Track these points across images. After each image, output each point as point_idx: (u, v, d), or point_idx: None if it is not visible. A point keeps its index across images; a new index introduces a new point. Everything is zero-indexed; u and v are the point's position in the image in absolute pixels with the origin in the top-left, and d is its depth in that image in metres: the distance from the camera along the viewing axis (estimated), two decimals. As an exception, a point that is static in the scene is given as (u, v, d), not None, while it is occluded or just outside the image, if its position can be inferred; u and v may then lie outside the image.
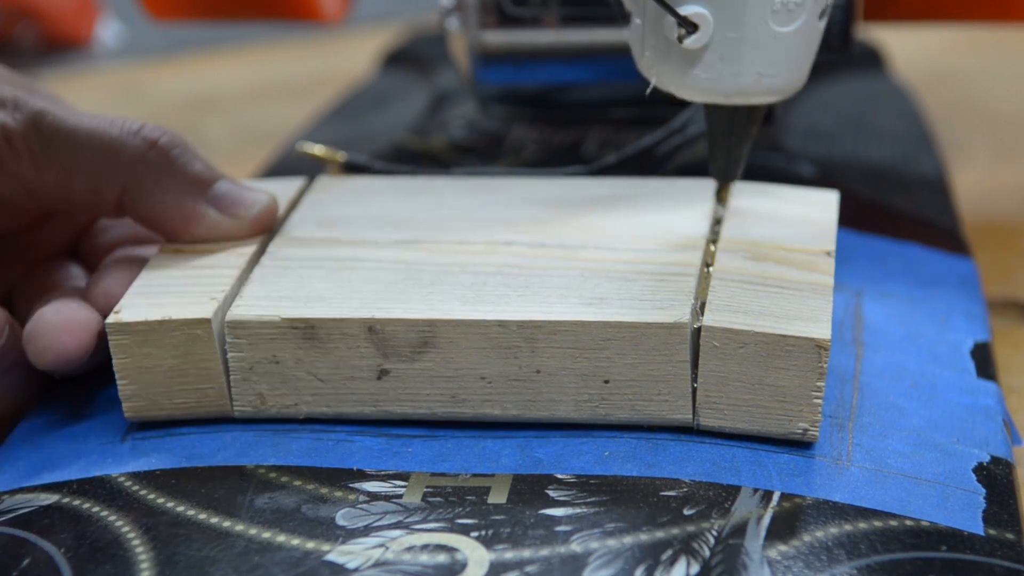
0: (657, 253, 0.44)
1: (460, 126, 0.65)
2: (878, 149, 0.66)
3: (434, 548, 0.37)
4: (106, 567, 0.37)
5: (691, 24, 0.41)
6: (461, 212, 0.48)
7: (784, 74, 0.43)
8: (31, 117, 0.44)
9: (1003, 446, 0.42)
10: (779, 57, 0.42)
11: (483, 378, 0.42)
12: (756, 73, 0.42)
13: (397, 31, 0.90)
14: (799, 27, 0.42)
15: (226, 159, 0.75)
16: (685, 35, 0.41)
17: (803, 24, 0.42)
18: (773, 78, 0.42)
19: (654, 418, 0.41)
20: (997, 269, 0.57)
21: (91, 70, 0.99)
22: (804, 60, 0.43)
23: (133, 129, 0.45)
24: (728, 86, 0.42)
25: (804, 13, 0.42)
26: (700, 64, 0.42)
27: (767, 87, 0.43)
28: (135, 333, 0.42)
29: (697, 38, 0.41)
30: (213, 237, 0.45)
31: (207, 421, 0.43)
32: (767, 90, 0.43)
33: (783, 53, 0.42)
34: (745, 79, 0.42)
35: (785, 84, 0.43)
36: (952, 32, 0.88)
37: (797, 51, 0.42)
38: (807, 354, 0.40)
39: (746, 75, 0.42)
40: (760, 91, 0.43)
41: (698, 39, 0.41)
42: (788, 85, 0.43)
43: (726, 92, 0.43)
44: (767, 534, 0.37)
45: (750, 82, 0.42)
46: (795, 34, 0.42)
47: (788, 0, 0.41)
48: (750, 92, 0.43)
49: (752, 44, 0.42)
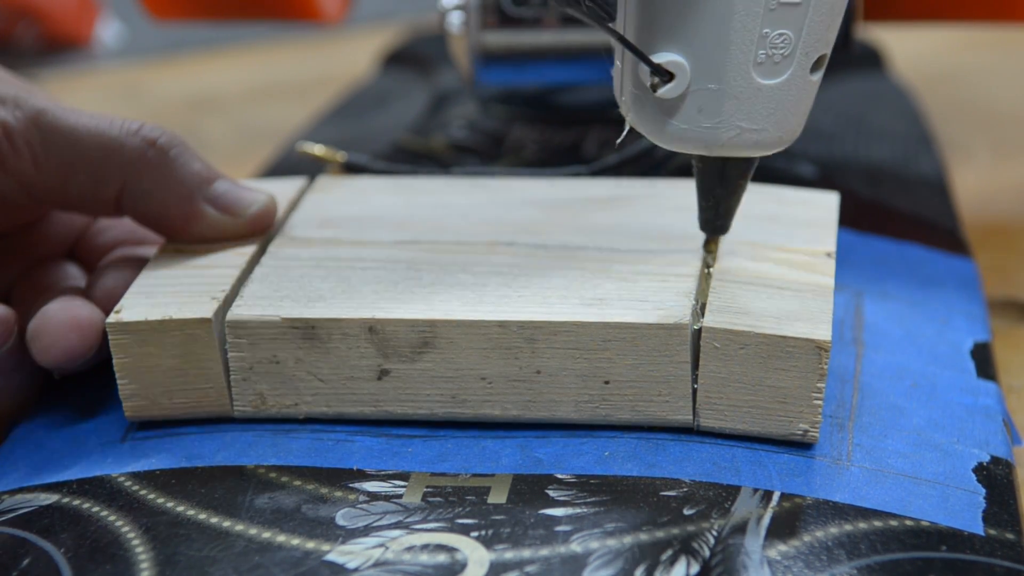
0: (657, 254, 0.44)
1: (460, 126, 0.65)
2: (878, 149, 0.66)
3: (434, 548, 0.37)
4: (106, 567, 0.37)
5: (666, 73, 0.38)
6: (461, 212, 0.48)
7: (770, 129, 0.39)
8: (32, 115, 0.44)
9: (1003, 446, 0.42)
10: (763, 111, 0.39)
11: (483, 378, 0.42)
12: (737, 127, 0.39)
13: (397, 31, 0.90)
14: (786, 80, 0.39)
15: (226, 159, 0.75)
16: (660, 84, 0.39)
17: (791, 77, 0.39)
18: (757, 133, 0.39)
19: (654, 419, 0.41)
20: (997, 269, 0.57)
21: (91, 70, 0.99)
22: (793, 115, 0.39)
23: (132, 129, 0.45)
24: (708, 139, 0.39)
25: (792, 66, 0.38)
26: (678, 114, 0.39)
27: (751, 141, 0.39)
28: (135, 333, 0.42)
29: (672, 88, 0.38)
30: (212, 236, 0.46)
31: (207, 421, 0.43)
32: (751, 144, 0.40)
33: (768, 107, 0.39)
34: (726, 133, 0.39)
35: (772, 139, 0.40)
36: (952, 32, 0.88)
37: (784, 105, 0.39)
38: (808, 355, 0.40)
39: (727, 129, 0.39)
40: (744, 145, 0.40)
41: (673, 89, 0.39)
42: (775, 140, 0.40)
43: (706, 145, 0.40)
44: (767, 534, 0.37)
45: (731, 136, 0.39)
46: (781, 87, 0.39)
47: (773, 52, 0.38)
48: (732, 146, 0.39)
49: (733, 96, 0.38)
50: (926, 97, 0.76)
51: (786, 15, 0.38)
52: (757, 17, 0.38)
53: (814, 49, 0.39)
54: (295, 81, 0.93)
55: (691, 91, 0.39)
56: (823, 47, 0.39)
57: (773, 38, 0.38)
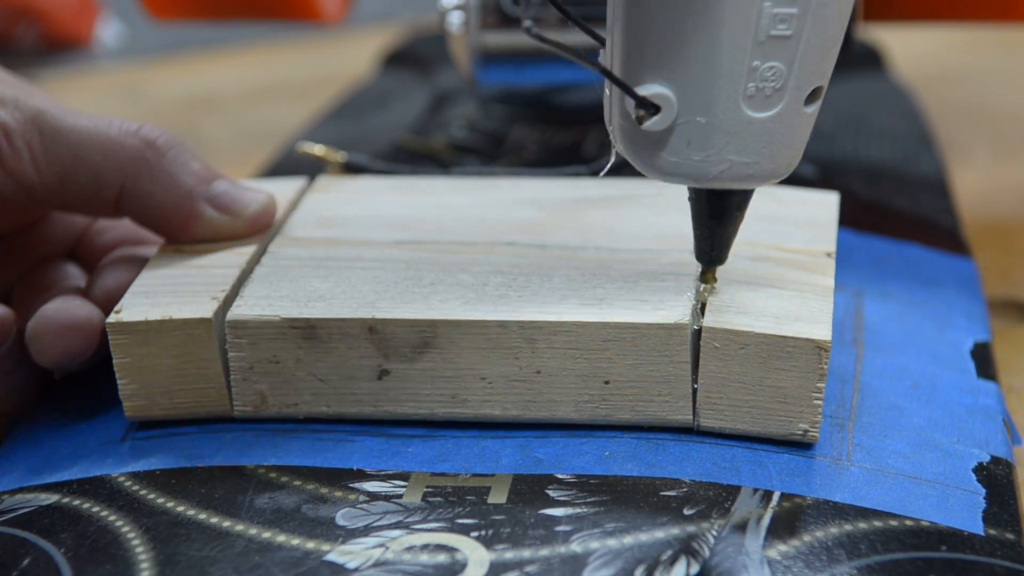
0: (657, 253, 0.44)
1: (460, 126, 0.65)
2: (878, 149, 0.66)
3: (434, 548, 0.37)
4: (106, 567, 0.37)
5: (652, 105, 0.37)
6: (461, 212, 0.48)
7: (763, 162, 0.38)
8: (31, 116, 0.44)
9: (1003, 446, 0.42)
10: (755, 144, 0.37)
11: (483, 378, 0.42)
12: (728, 160, 0.38)
13: (397, 31, 0.90)
14: (778, 113, 0.37)
15: (226, 159, 0.75)
16: (645, 117, 0.37)
17: (784, 110, 0.37)
18: (749, 167, 0.38)
19: (654, 419, 0.41)
20: (997, 269, 0.57)
21: (91, 70, 0.99)
22: (787, 148, 0.38)
23: (131, 129, 0.45)
24: (698, 172, 0.38)
25: (784, 98, 0.37)
26: (666, 147, 0.38)
27: (743, 175, 0.38)
28: (135, 333, 0.42)
29: (658, 121, 0.37)
30: (211, 236, 0.46)
31: (207, 421, 0.43)
32: (744, 177, 0.38)
33: (760, 140, 0.37)
34: (716, 166, 0.38)
35: (765, 172, 0.38)
36: (952, 32, 0.88)
37: (777, 139, 0.38)
38: (808, 355, 0.40)
39: (717, 162, 0.38)
40: (736, 178, 0.38)
41: (660, 122, 0.37)
42: (768, 173, 0.38)
43: (696, 178, 0.38)
44: (767, 534, 0.37)
45: (722, 169, 0.38)
46: (774, 120, 0.37)
47: (764, 85, 0.37)
48: (723, 179, 0.38)
49: (722, 130, 0.37)
50: (926, 97, 0.76)
51: (776, 48, 0.36)
52: (746, 50, 0.36)
53: (807, 82, 0.37)
54: (295, 81, 0.93)
55: (679, 124, 0.37)
56: (818, 79, 0.37)
57: (763, 71, 0.37)
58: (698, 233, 0.41)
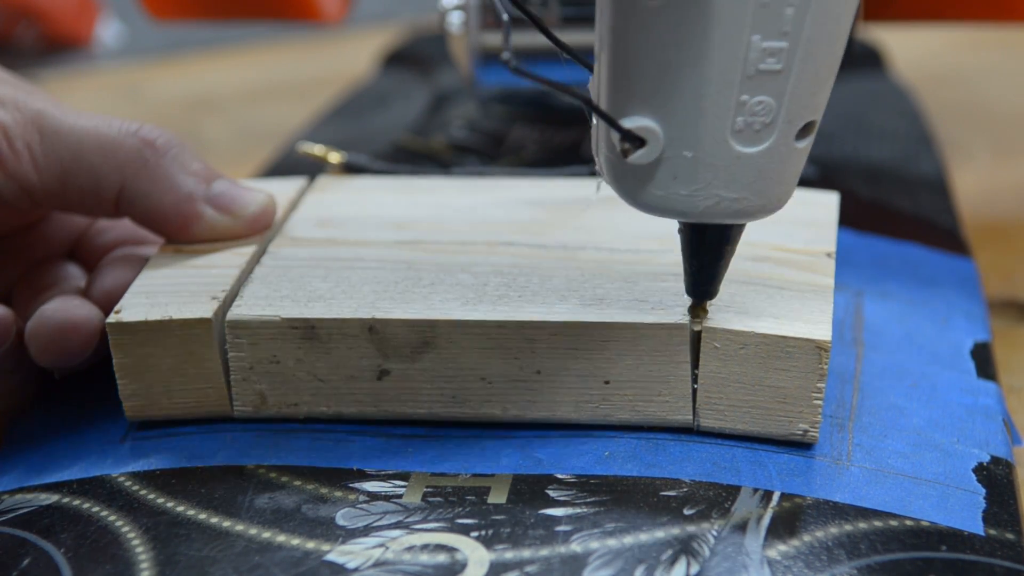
0: (658, 253, 0.44)
1: (460, 126, 0.65)
2: (878, 149, 0.66)
3: (434, 548, 0.37)
4: (106, 567, 0.37)
5: (637, 139, 0.36)
6: (461, 212, 0.48)
7: (752, 198, 0.37)
8: (31, 116, 0.44)
9: (1003, 446, 0.42)
10: (744, 180, 0.36)
11: (483, 378, 0.42)
12: (716, 195, 0.36)
13: (397, 31, 0.90)
14: (767, 148, 0.36)
15: (226, 159, 0.75)
16: (631, 150, 0.36)
17: (773, 145, 0.36)
18: (738, 202, 0.37)
19: (654, 419, 0.41)
20: (997, 269, 0.57)
21: (91, 70, 0.99)
22: (777, 184, 0.37)
23: (131, 129, 0.45)
24: (685, 207, 0.37)
25: (774, 133, 0.36)
26: (652, 181, 0.36)
27: (731, 210, 0.37)
28: (135, 333, 0.42)
29: (644, 154, 0.36)
30: (211, 236, 0.46)
31: (207, 421, 0.43)
32: (732, 213, 0.37)
33: (749, 176, 0.36)
34: (703, 201, 0.36)
35: (754, 208, 0.37)
36: (952, 32, 0.88)
37: (766, 174, 0.36)
38: (808, 355, 0.40)
39: (704, 197, 0.36)
40: (724, 214, 0.37)
41: (645, 155, 0.36)
42: (758, 209, 0.37)
43: (683, 213, 0.37)
44: (767, 534, 0.37)
45: (709, 204, 0.37)
46: (763, 155, 0.36)
47: (753, 119, 0.35)
48: (712, 214, 0.37)
49: (709, 164, 0.36)
50: (926, 97, 0.76)
51: (765, 82, 0.35)
52: (734, 84, 0.35)
53: (799, 116, 0.36)
54: (295, 81, 0.93)
55: (665, 158, 0.36)
56: (810, 114, 0.36)
57: (752, 105, 0.35)
58: (688, 267, 0.40)
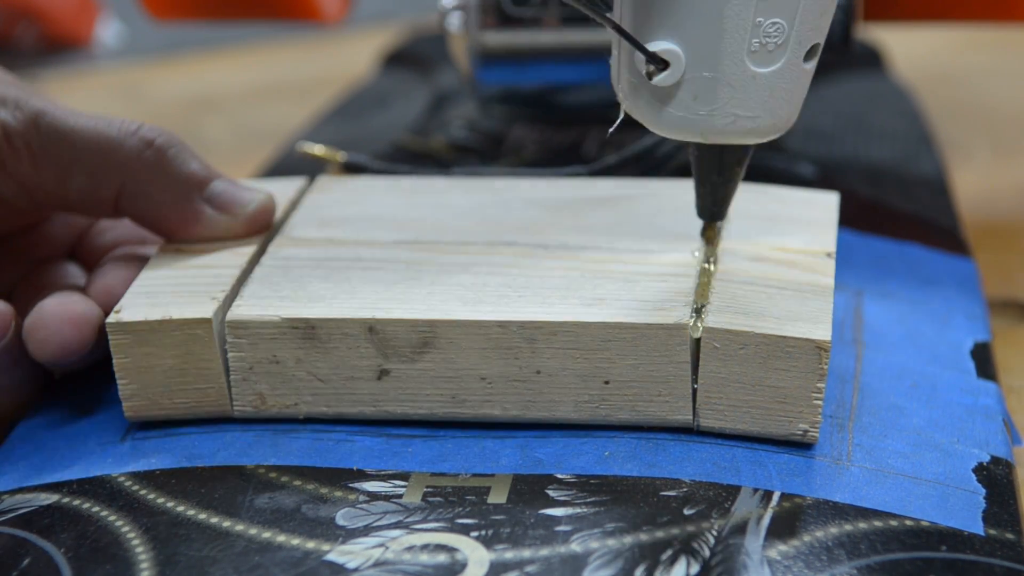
0: (657, 254, 0.44)
1: (460, 126, 0.65)
2: (878, 149, 0.66)
3: (434, 548, 0.37)
4: (106, 567, 0.37)
5: (661, 61, 0.39)
6: (461, 212, 0.48)
7: (764, 116, 0.40)
8: (31, 116, 0.44)
9: (1003, 446, 0.42)
10: (758, 99, 0.39)
11: (483, 379, 0.42)
12: (732, 114, 0.39)
13: (397, 31, 0.90)
14: (780, 68, 0.39)
15: (226, 159, 0.75)
16: (655, 72, 0.39)
17: (784, 65, 0.39)
18: (752, 120, 0.40)
19: (654, 419, 0.41)
20: (997, 269, 0.57)
21: (91, 70, 0.99)
22: (787, 103, 0.40)
23: (131, 129, 0.45)
24: (703, 126, 0.40)
25: (786, 54, 0.39)
26: (673, 102, 0.40)
27: (746, 128, 0.40)
28: (135, 333, 0.42)
29: (667, 76, 0.39)
30: (210, 236, 0.46)
31: (207, 421, 0.43)
32: (746, 132, 0.40)
33: (762, 95, 0.39)
34: (720, 120, 0.40)
35: (766, 126, 0.40)
36: (952, 32, 0.88)
37: (779, 93, 0.40)
38: (807, 355, 0.40)
39: (721, 116, 0.40)
40: (738, 132, 0.40)
41: (668, 77, 0.39)
42: (770, 127, 0.40)
43: (701, 132, 0.40)
44: (767, 534, 0.37)
45: (726, 123, 0.40)
46: (775, 75, 0.39)
47: (767, 40, 0.39)
48: (727, 133, 0.40)
49: (727, 84, 0.39)
50: (926, 97, 0.76)
51: (779, 4, 0.38)
52: (750, 6, 0.38)
53: (807, 38, 0.39)
54: (295, 81, 0.93)
55: (686, 79, 0.39)
56: (816, 36, 0.39)
57: (766, 27, 0.38)
58: (700, 190, 0.42)
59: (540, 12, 0.59)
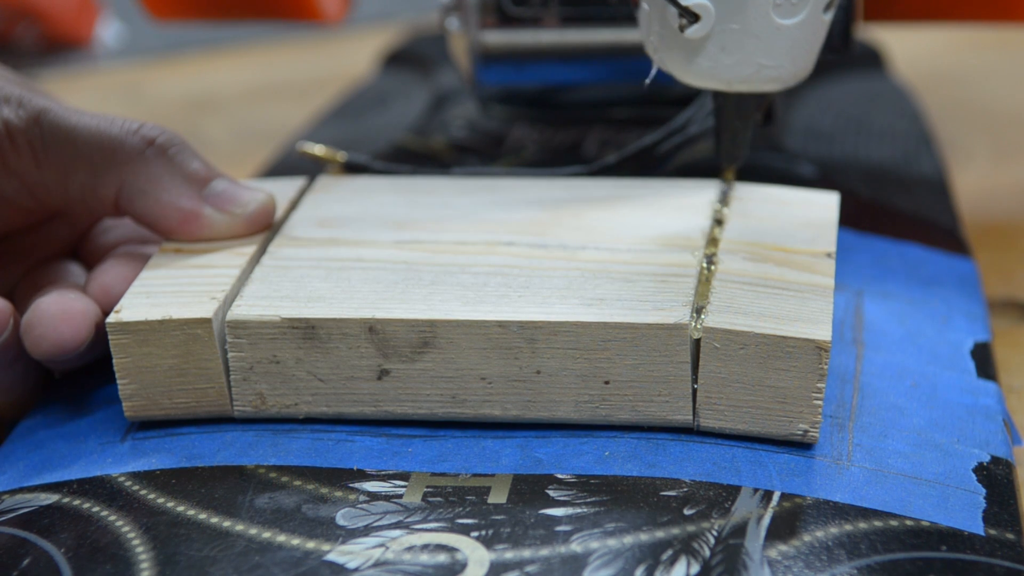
0: (657, 254, 0.44)
1: (460, 126, 0.65)
2: (878, 149, 0.66)
3: (434, 548, 0.37)
4: (106, 567, 0.37)
5: (692, 15, 0.43)
6: (461, 212, 0.48)
7: (787, 65, 0.44)
8: (34, 114, 0.44)
9: (1003, 446, 0.42)
10: (781, 49, 0.43)
11: (483, 378, 0.42)
12: (757, 64, 0.44)
13: (397, 31, 0.90)
14: (802, 20, 0.43)
15: (226, 159, 0.75)
16: (687, 25, 0.43)
17: (806, 17, 0.43)
18: (775, 69, 0.44)
19: (654, 419, 0.41)
20: (997, 269, 0.57)
21: (91, 70, 0.99)
22: (807, 53, 0.44)
23: (132, 128, 0.45)
24: (729, 75, 0.44)
25: (808, 6, 0.43)
26: (702, 53, 0.44)
27: (769, 77, 0.44)
28: (135, 333, 0.42)
29: (698, 28, 0.43)
30: (210, 235, 0.46)
31: (207, 421, 0.43)
32: (769, 79, 0.44)
33: (785, 45, 0.43)
34: (746, 69, 0.44)
35: (788, 75, 0.44)
36: (952, 32, 0.88)
37: (800, 44, 0.44)
38: (807, 355, 0.40)
39: (747, 65, 0.44)
40: (762, 80, 0.44)
41: (699, 29, 0.43)
42: (791, 76, 0.44)
43: (728, 80, 0.44)
44: (767, 534, 0.37)
45: (751, 72, 0.44)
46: (798, 27, 0.43)
47: None
48: (752, 81, 0.44)
49: (753, 36, 0.43)
50: (926, 97, 0.76)
51: None
52: None
53: None
54: (295, 81, 0.93)
55: (715, 31, 0.43)
56: None
57: None
58: (722, 136, 0.47)
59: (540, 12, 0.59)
